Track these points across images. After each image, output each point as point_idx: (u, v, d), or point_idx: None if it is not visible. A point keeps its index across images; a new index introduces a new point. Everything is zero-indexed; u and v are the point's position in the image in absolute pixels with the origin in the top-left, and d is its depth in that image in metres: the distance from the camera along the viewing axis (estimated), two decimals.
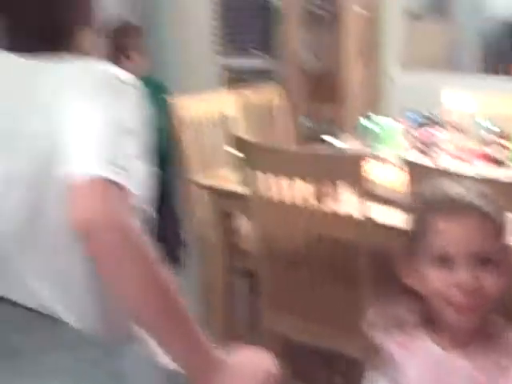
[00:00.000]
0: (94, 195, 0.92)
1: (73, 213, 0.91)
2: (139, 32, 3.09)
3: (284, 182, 1.91)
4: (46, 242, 1.10)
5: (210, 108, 2.87)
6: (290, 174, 1.87)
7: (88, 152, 0.96)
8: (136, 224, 0.92)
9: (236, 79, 3.78)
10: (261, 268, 2.11)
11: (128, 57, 2.97)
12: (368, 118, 2.55)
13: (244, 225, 2.48)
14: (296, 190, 1.90)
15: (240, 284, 2.58)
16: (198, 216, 2.68)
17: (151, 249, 0.92)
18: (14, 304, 1.15)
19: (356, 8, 3.40)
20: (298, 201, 1.90)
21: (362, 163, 1.76)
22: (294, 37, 3.63)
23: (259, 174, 1.95)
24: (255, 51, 3.92)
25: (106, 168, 0.94)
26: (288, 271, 2.03)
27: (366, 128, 2.50)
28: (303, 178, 1.85)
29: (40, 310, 1.13)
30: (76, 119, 1.01)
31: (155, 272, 0.92)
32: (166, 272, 0.92)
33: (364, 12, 3.46)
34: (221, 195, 2.35)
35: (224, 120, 2.92)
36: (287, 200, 1.92)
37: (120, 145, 0.98)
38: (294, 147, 2.06)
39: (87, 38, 1.21)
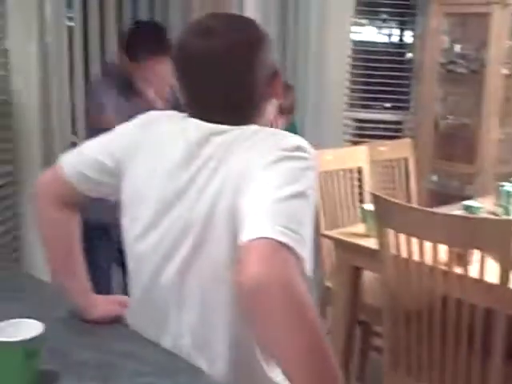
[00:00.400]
0: (266, 256, 0.94)
1: (243, 273, 0.93)
2: (292, 92, 2.92)
3: (415, 240, 1.88)
4: (194, 293, 1.16)
5: (342, 161, 2.89)
6: (430, 237, 1.84)
7: (262, 215, 1.00)
8: (304, 287, 0.94)
9: (368, 133, 3.80)
10: (384, 326, 2.08)
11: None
12: (510, 181, 2.48)
13: (368, 279, 2.47)
14: (429, 250, 1.86)
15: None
16: (324, 266, 2.70)
17: (315, 313, 0.93)
18: (159, 348, 1.22)
19: (499, 67, 3.33)
20: (431, 261, 1.86)
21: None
22: (431, 93, 3.61)
23: (391, 231, 1.94)
24: (388, 105, 3.93)
25: (279, 231, 0.96)
26: (411, 330, 1.99)
27: (507, 192, 2.42)
28: (443, 242, 1.82)
29: (181, 355, 1.19)
30: (255, 186, 1.06)
31: (318, 341, 0.92)
32: (327, 341, 0.93)
33: (506, 71, 3.38)
34: (348, 248, 2.35)
35: (355, 173, 2.93)
36: (419, 259, 1.89)
37: (294, 209, 1.02)
38: (433, 209, 2.01)
39: (269, 108, 1.27)
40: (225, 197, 1.10)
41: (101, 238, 2.30)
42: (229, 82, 1.18)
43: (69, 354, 1.19)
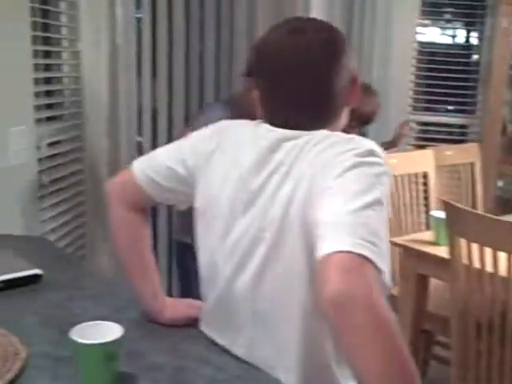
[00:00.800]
0: (348, 270, 0.92)
1: (326, 287, 0.91)
2: (375, 97, 2.82)
3: (489, 250, 1.83)
4: (267, 301, 1.15)
5: (407, 165, 2.84)
6: (505, 248, 1.78)
7: (341, 228, 0.98)
8: (384, 301, 0.92)
9: (431, 136, 3.72)
10: (453, 338, 2.03)
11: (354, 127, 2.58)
12: None
13: (434, 287, 2.42)
14: (503, 260, 1.81)
15: None
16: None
17: (397, 328, 0.90)
18: (234, 356, 1.21)
19: None
20: (505, 272, 1.81)
21: None
22: (498, 96, 3.51)
23: (463, 240, 1.89)
24: (452, 108, 3.84)
25: (359, 244, 0.94)
26: (481, 343, 1.94)
27: None
28: None
29: (253, 362, 1.18)
30: (330, 195, 1.04)
31: (401, 356, 0.89)
32: (409, 355, 0.90)
33: None
34: (415, 256, 2.30)
35: (420, 178, 2.88)
36: (493, 270, 1.84)
37: (371, 220, 0.99)
38: (506, 218, 1.95)
39: (344, 116, 1.26)
40: (297, 202, 1.09)
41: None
42: (310, 78, 1.17)
43: (145, 356, 1.19)
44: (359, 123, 2.64)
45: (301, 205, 1.08)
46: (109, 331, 1.07)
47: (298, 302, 1.12)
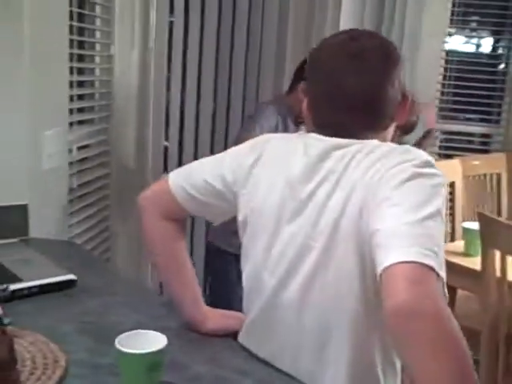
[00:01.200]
0: (415, 281, 0.91)
1: (394, 299, 0.91)
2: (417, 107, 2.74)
3: None
4: (314, 312, 1.14)
5: None
6: None
7: (404, 238, 0.97)
8: (450, 311, 0.90)
9: (454, 145, 3.69)
10: (482, 352, 2.01)
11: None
12: None
13: (459, 298, 2.40)
14: None
15: None
16: None
17: (463, 338, 0.89)
18: (275, 368, 1.20)
19: None
20: None
21: None
22: None
23: (497, 252, 1.87)
24: (472, 116, 3.80)
25: (424, 254, 0.93)
26: (510, 356, 1.91)
27: None
28: None
29: (298, 376, 1.17)
30: (390, 205, 1.03)
31: (466, 366, 0.88)
32: (474, 370, 0.89)
33: None
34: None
35: (447, 188, 2.86)
36: None
37: (432, 230, 0.99)
38: None
39: (391, 130, 1.25)
40: (351, 209, 1.08)
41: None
42: (363, 80, 1.16)
43: (185, 367, 1.18)
44: (402, 132, 2.65)
45: (355, 212, 1.07)
46: (152, 340, 1.06)
47: (348, 312, 1.11)
